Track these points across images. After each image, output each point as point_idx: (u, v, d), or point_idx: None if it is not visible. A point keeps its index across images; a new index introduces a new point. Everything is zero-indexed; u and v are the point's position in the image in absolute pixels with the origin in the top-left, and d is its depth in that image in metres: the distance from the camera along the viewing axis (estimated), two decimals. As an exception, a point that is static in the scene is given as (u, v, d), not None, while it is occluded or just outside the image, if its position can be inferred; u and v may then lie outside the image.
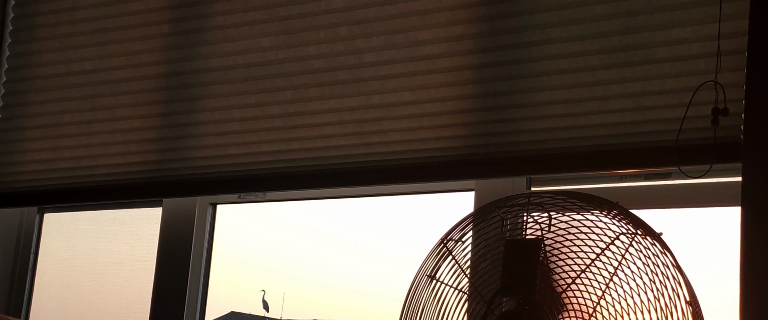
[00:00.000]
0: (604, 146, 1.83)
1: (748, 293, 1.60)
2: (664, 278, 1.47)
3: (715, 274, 1.81)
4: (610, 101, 1.84)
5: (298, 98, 2.13)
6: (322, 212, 2.43)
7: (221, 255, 2.36)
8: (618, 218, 1.55)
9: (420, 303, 1.68)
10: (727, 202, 1.79)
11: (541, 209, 1.62)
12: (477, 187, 2.04)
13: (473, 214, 1.70)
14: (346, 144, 2.07)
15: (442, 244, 1.69)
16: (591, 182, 1.93)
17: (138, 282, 2.45)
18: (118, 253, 2.57)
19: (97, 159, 2.33)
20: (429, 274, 1.69)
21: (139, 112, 2.30)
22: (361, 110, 2.07)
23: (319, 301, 2.61)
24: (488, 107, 1.95)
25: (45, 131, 2.40)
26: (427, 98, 2.00)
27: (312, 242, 2.48)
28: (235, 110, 2.20)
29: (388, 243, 2.39)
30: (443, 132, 1.98)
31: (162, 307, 2.32)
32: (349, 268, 2.49)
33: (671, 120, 1.77)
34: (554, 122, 1.88)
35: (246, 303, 2.77)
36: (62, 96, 2.39)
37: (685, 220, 1.89)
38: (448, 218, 1.75)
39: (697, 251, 1.83)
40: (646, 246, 1.51)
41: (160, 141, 2.27)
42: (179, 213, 2.34)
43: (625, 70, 1.83)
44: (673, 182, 1.86)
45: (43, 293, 2.55)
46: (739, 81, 1.70)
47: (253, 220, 2.50)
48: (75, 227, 2.63)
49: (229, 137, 2.20)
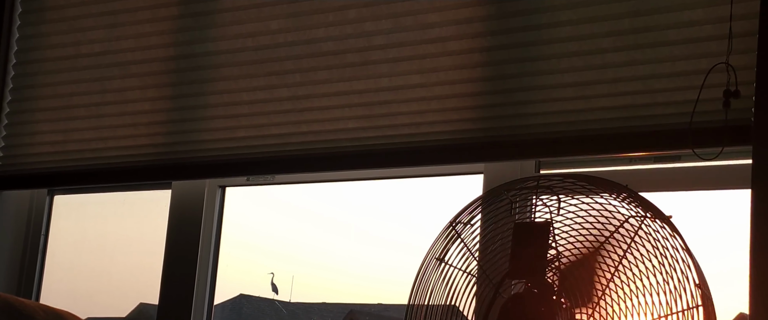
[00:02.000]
0: (614, 129, 1.82)
1: (757, 275, 1.60)
2: (674, 261, 1.46)
3: (724, 257, 1.81)
4: (620, 83, 1.83)
5: (307, 81, 2.13)
6: (330, 195, 2.43)
7: (230, 238, 2.36)
8: (627, 202, 1.55)
9: (429, 286, 1.68)
10: (737, 184, 1.79)
11: (550, 192, 1.61)
12: (486, 170, 2.03)
13: (482, 197, 1.70)
14: (355, 127, 2.07)
15: (451, 227, 1.69)
16: (600, 165, 1.93)
17: (147, 264, 2.45)
18: (127, 235, 2.58)
19: (107, 141, 2.33)
20: (438, 257, 1.69)
21: (148, 94, 2.30)
22: (370, 92, 2.06)
23: (328, 285, 2.62)
24: (497, 90, 1.94)
25: (55, 113, 2.41)
26: (436, 80, 2.00)
27: (320, 226, 2.48)
28: (243, 93, 2.20)
29: (397, 226, 2.39)
30: (452, 115, 1.98)
31: (171, 289, 2.33)
32: (358, 252, 2.50)
33: (682, 103, 1.77)
34: (564, 104, 1.87)
35: (255, 286, 2.78)
36: (72, 78, 2.40)
37: (694, 203, 1.89)
38: (456, 202, 1.75)
39: (706, 233, 1.83)
40: (655, 229, 1.50)
41: (170, 124, 2.27)
42: (188, 196, 2.34)
43: (636, 52, 1.82)
44: (683, 165, 1.86)
45: (53, 275, 2.56)
46: (751, 63, 1.69)
47: (262, 204, 2.50)
48: (85, 210, 2.63)
49: (238, 119, 2.20)
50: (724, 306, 1.67)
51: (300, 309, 3.00)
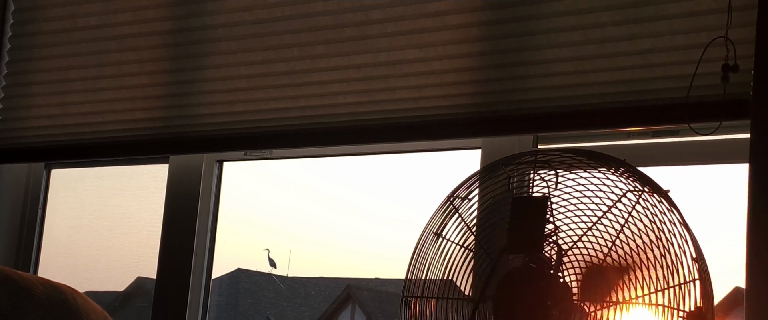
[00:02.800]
0: (613, 103, 1.82)
1: (754, 249, 1.60)
2: (671, 235, 1.47)
3: (722, 231, 1.82)
4: (619, 58, 1.83)
5: (304, 55, 2.12)
6: (328, 170, 2.43)
7: (227, 213, 2.37)
8: (625, 176, 1.55)
9: (426, 261, 1.68)
10: (735, 159, 1.79)
11: (548, 166, 1.61)
12: (484, 145, 2.03)
13: (480, 172, 1.69)
14: (353, 102, 2.07)
15: (449, 202, 1.69)
16: (599, 139, 1.93)
17: (145, 239, 2.46)
18: (125, 209, 2.58)
19: (104, 115, 2.33)
20: (435, 232, 1.69)
21: (145, 68, 2.29)
22: (368, 67, 2.06)
23: (325, 261, 2.62)
24: (496, 65, 1.94)
25: (51, 86, 2.40)
26: (435, 55, 1.99)
27: (318, 201, 2.49)
28: (241, 67, 2.19)
29: (395, 201, 2.40)
30: (450, 90, 1.97)
31: (169, 263, 2.33)
32: (355, 227, 2.50)
33: (680, 77, 1.76)
34: (562, 79, 1.87)
35: (252, 261, 2.78)
36: (68, 52, 2.39)
37: (692, 177, 1.89)
38: (454, 176, 1.75)
39: (704, 208, 1.83)
40: (652, 204, 1.50)
41: (167, 98, 2.27)
42: (186, 170, 2.34)
43: (635, 26, 1.81)
44: (682, 140, 1.86)
45: (50, 249, 2.57)
46: (750, 37, 1.69)
47: (260, 179, 2.50)
48: (82, 183, 2.63)
49: (235, 94, 2.19)
50: (721, 280, 1.68)
51: (297, 284, 3.01)
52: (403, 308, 1.66)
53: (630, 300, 1.48)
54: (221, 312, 2.83)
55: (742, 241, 1.63)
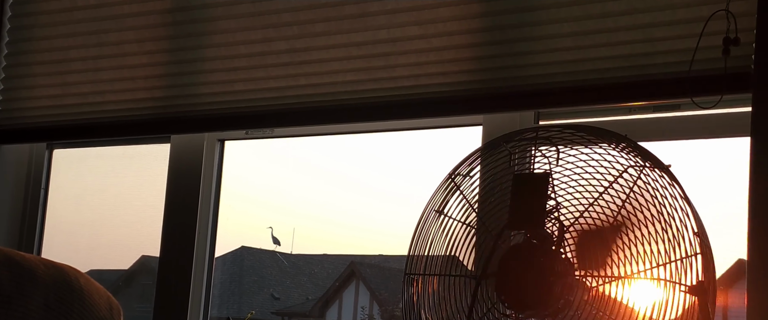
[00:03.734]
0: (614, 78, 1.82)
1: (756, 222, 1.61)
2: (672, 210, 1.46)
3: (723, 205, 1.82)
4: (619, 32, 1.82)
5: (304, 34, 2.12)
6: (329, 148, 2.43)
7: (230, 192, 2.37)
8: (626, 151, 1.54)
9: (428, 238, 1.68)
10: (736, 132, 1.79)
11: (549, 143, 1.61)
12: (485, 122, 2.03)
13: (481, 149, 1.69)
14: (354, 80, 2.06)
15: (450, 179, 1.69)
16: (599, 115, 1.92)
17: (149, 217, 2.46)
18: (127, 189, 2.59)
19: (105, 95, 2.33)
20: (437, 209, 1.69)
21: (145, 48, 2.29)
22: (368, 45, 2.05)
23: (329, 238, 2.63)
24: (496, 41, 1.93)
25: (52, 67, 2.40)
26: (435, 32, 1.99)
27: (320, 179, 2.49)
28: (241, 46, 2.19)
29: (396, 178, 2.40)
30: (451, 67, 1.97)
31: (172, 242, 2.34)
32: (357, 204, 2.50)
33: (681, 51, 1.76)
34: (563, 55, 1.86)
35: (256, 239, 2.79)
36: (68, 32, 2.38)
37: (694, 151, 1.89)
38: (456, 154, 1.75)
39: (705, 182, 1.83)
40: (654, 179, 1.50)
41: (167, 77, 2.26)
42: (187, 149, 2.34)
43: (635, 0, 1.81)
44: (682, 114, 1.85)
45: (54, 228, 2.57)
46: (751, 10, 1.68)
47: (262, 157, 2.50)
48: (84, 163, 2.64)
49: (236, 73, 2.19)
50: (723, 254, 1.68)
51: (301, 261, 3.02)
52: (406, 286, 1.67)
53: (632, 274, 1.48)
54: (225, 289, 2.84)
55: (744, 214, 1.63)
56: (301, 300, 2.98)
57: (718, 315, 1.65)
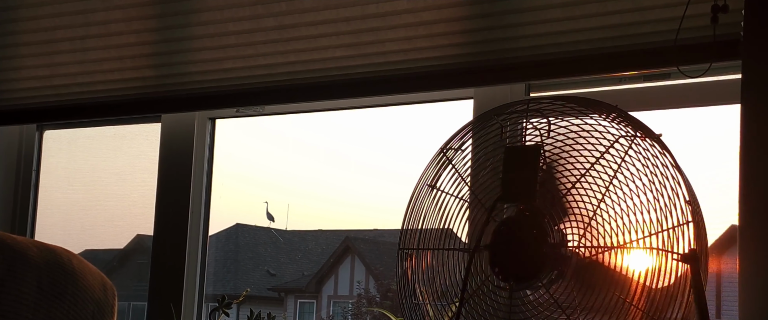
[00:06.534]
0: (603, 49, 1.81)
1: (747, 189, 1.61)
2: (664, 178, 1.47)
3: (714, 172, 1.82)
4: (608, 2, 1.81)
5: (293, 10, 2.11)
6: (321, 124, 2.42)
7: (222, 170, 2.37)
8: (617, 121, 1.54)
9: (421, 212, 1.68)
10: (726, 100, 1.79)
11: (540, 115, 1.61)
12: (476, 95, 2.03)
13: (472, 122, 1.69)
14: (343, 55, 2.06)
15: (442, 153, 1.69)
16: (590, 86, 1.92)
17: (141, 197, 2.46)
18: (119, 168, 2.58)
19: (93, 75, 2.32)
20: (429, 183, 1.69)
21: (132, 27, 2.28)
22: (357, 20, 2.04)
23: (323, 214, 2.63)
24: (485, 14, 1.92)
25: (39, 47, 2.38)
26: (424, 5, 1.98)
27: (312, 155, 2.49)
28: (229, 23, 2.17)
29: (389, 153, 2.40)
30: (440, 40, 1.96)
31: (166, 221, 2.34)
32: (350, 180, 2.50)
33: (670, 20, 1.75)
34: (552, 26, 1.86)
35: (250, 216, 2.79)
36: (54, 11, 2.37)
37: (684, 120, 1.89)
38: (447, 128, 1.74)
39: (696, 150, 1.83)
40: (645, 148, 1.50)
41: (156, 56, 2.25)
42: (178, 128, 2.34)
43: (624, -30, 1.80)
44: (672, 83, 1.85)
45: (46, 209, 2.57)
46: (739, -23, 1.67)
47: (253, 135, 2.50)
48: (75, 144, 2.63)
49: (225, 50, 2.18)
50: (716, 220, 1.69)
51: (296, 237, 3.02)
52: (400, 260, 1.67)
53: (625, 244, 1.49)
54: (220, 266, 2.85)
55: (735, 181, 1.63)
56: (296, 275, 2.99)
57: (711, 280, 1.66)
